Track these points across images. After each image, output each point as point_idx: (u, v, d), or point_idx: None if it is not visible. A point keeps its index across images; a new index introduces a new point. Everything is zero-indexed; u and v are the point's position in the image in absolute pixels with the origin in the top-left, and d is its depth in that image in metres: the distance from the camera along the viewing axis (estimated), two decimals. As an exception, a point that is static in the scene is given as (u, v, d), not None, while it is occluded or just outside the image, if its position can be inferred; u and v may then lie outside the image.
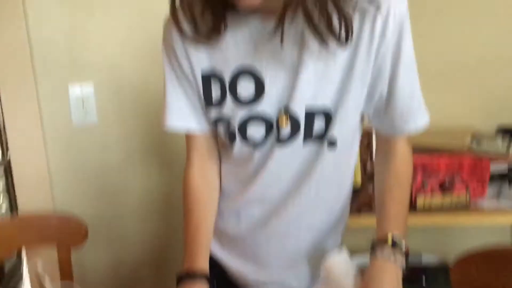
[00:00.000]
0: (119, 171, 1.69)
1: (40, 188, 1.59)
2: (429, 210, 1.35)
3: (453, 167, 1.37)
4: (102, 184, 1.69)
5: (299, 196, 0.91)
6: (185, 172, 0.99)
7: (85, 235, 1.27)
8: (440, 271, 1.40)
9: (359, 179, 1.39)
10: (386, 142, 0.93)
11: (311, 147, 0.87)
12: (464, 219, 1.33)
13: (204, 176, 0.99)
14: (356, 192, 0.94)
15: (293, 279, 1.03)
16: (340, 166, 0.92)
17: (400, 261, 0.78)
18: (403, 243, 0.80)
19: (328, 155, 0.87)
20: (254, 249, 1.00)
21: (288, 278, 1.03)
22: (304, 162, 0.89)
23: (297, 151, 0.87)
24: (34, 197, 1.56)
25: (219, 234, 1.02)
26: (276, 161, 0.88)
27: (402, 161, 0.93)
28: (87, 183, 1.68)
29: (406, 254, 0.80)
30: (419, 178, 1.37)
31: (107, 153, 1.68)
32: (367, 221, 1.30)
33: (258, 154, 0.89)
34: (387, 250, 0.78)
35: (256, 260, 1.02)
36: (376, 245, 0.81)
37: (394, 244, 0.79)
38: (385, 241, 0.80)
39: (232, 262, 1.04)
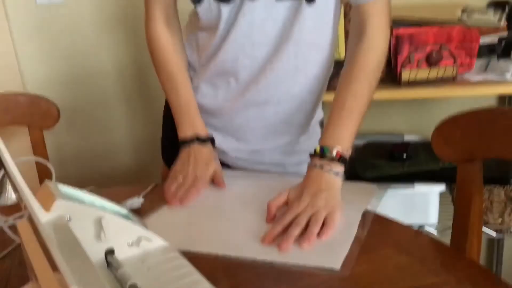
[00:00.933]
0: (89, 54, 1.60)
1: (9, 74, 1.51)
2: (414, 83, 1.31)
3: (441, 38, 1.30)
4: (73, 68, 1.61)
5: (278, 60, 0.86)
6: (149, 27, 0.93)
7: (56, 117, 1.22)
8: (421, 147, 1.40)
9: (343, 51, 1.33)
10: (358, 15, 0.84)
11: (287, 2, 0.80)
12: (450, 91, 1.30)
13: (171, 31, 0.94)
14: (339, 66, 0.88)
15: (272, 153, 1.01)
16: (319, 26, 0.85)
17: (338, 170, 0.78)
18: (344, 152, 0.80)
19: (307, 12, 0.80)
20: (233, 121, 0.97)
21: (267, 152, 1.01)
22: (282, 21, 0.82)
23: (270, 7, 0.80)
24: (3, 83, 1.48)
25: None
26: (247, 19, 0.82)
27: (372, 45, 0.83)
28: (57, 68, 1.60)
29: (348, 161, 0.80)
30: (405, 51, 1.31)
31: (76, 35, 1.58)
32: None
33: (226, 10, 0.82)
34: (322, 161, 0.79)
35: (235, 133, 0.99)
36: (314, 154, 0.81)
37: (327, 155, 0.79)
38: (321, 151, 0.80)
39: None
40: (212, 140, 0.96)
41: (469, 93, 1.27)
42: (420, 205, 1.29)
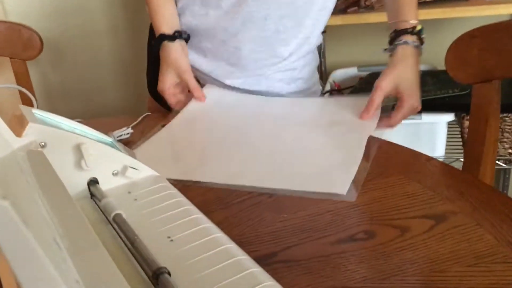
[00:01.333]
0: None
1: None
2: (423, 3, 1.22)
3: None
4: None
5: None
6: None
7: (39, 47, 1.13)
8: (428, 75, 1.32)
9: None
10: None
11: None
12: (462, 11, 1.20)
13: None
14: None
15: (269, 81, 0.94)
16: None
17: (421, 47, 0.81)
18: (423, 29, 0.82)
19: None
20: (227, 43, 0.89)
21: (264, 79, 0.94)
22: None
23: None
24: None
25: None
26: None
27: None
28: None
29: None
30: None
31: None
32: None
33: None
34: (411, 37, 0.79)
35: (230, 57, 0.91)
36: (399, 32, 0.81)
37: (417, 32, 0.80)
38: (409, 28, 0.80)
39: (205, 67, 0.94)
40: (182, 36, 0.90)
41: (483, 13, 1.18)
42: (427, 136, 1.23)
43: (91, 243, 0.32)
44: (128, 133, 0.80)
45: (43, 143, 0.51)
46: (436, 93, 1.21)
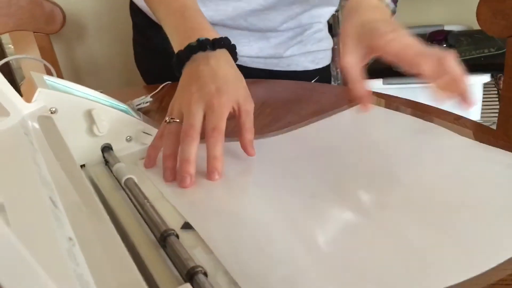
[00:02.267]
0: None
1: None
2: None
3: None
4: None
5: None
6: None
7: (61, 20, 1.13)
8: (462, 35, 1.26)
9: None
10: None
11: None
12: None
13: None
14: None
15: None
16: None
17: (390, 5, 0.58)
18: None
19: None
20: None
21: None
22: None
23: None
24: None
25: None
26: None
27: None
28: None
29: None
30: None
31: None
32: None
33: None
34: None
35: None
36: None
37: None
38: None
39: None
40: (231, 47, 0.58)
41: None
42: (460, 99, 1.17)
43: (89, 203, 0.30)
44: (147, 102, 0.79)
45: (53, 109, 0.50)
46: (471, 54, 1.15)
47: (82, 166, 0.54)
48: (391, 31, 0.50)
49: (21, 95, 0.49)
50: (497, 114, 1.23)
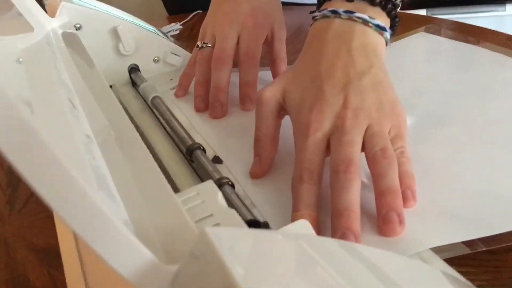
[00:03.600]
0: None
1: None
2: None
3: None
4: None
5: None
6: None
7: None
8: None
9: None
10: None
11: None
12: None
13: None
14: None
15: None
16: None
17: (382, 21, 0.36)
18: None
19: None
20: None
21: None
22: None
23: None
24: None
25: None
26: None
27: None
28: None
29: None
30: None
31: None
32: None
33: None
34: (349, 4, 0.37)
35: None
36: None
37: None
38: None
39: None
40: None
41: None
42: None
43: (110, 104, 0.29)
44: (177, 29, 0.76)
45: (78, 25, 0.48)
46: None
47: (110, 87, 0.52)
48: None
49: (45, 11, 0.47)
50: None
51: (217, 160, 0.38)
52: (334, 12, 0.36)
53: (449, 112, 0.41)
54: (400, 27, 0.40)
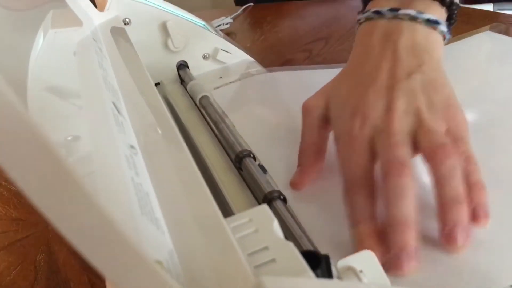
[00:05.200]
0: None
1: None
2: None
3: None
4: None
5: None
6: None
7: None
8: None
9: None
10: None
11: None
12: None
13: None
14: None
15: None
16: None
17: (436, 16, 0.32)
18: None
19: None
20: None
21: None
22: None
23: None
24: None
25: None
26: None
27: None
28: None
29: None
30: None
31: None
32: None
33: None
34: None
35: None
36: None
37: None
38: None
39: None
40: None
41: None
42: None
43: (163, 123, 0.27)
44: (227, 23, 0.74)
45: (127, 20, 0.47)
46: None
47: (157, 84, 0.50)
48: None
49: (94, 5, 0.45)
50: None
51: (261, 168, 0.35)
52: (378, 12, 0.33)
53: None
54: (461, 24, 0.35)
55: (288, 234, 0.27)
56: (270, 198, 0.29)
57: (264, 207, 0.20)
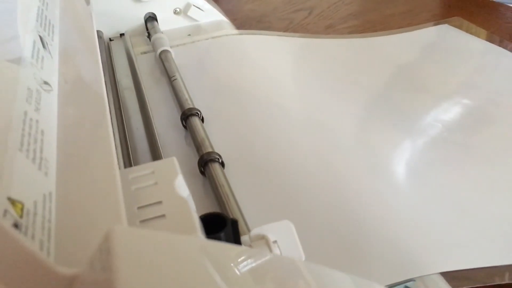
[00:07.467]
0: None
1: None
2: None
3: None
4: None
5: None
6: None
7: None
8: None
9: None
10: None
11: None
12: None
13: None
14: None
15: None
16: None
17: None
18: None
19: None
20: None
21: None
22: None
23: None
24: None
25: None
26: None
27: None
28: None
29: None
30: None
31: None
32: None
33: None
34: None
35: None
36: None
37: None
38: None
39: None
40: None
41: None
42: None
43: (88, 58, 0.24)
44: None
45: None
46: None
47: (122, 35, 0.48)
48: None
49: None
50: None
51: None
52: None
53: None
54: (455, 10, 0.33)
55: (218, 197, 0.25)
56: (207, 160, 0.28)
57: (173, 159, 0.18)
